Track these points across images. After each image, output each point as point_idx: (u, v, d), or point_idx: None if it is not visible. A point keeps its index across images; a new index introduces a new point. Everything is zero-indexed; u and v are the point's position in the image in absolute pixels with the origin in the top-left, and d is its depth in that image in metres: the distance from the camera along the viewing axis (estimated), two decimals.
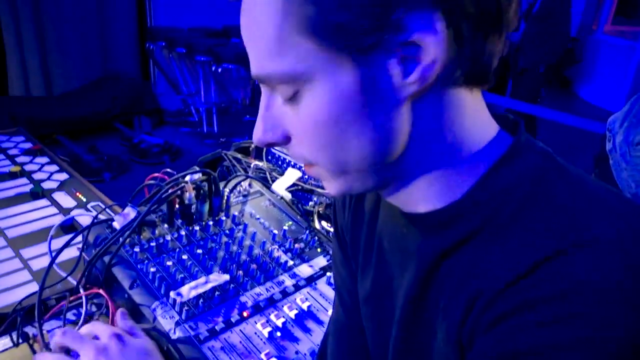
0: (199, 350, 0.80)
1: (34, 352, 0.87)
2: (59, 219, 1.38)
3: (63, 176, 1.65)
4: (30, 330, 0.91)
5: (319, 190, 1.23)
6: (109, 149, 3.69)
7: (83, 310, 0.90)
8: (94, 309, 0.98)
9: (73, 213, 1.41)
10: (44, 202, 1.51)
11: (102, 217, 1.04)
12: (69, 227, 1.31)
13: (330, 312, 0.92)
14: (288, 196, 1.16)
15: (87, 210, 1.44)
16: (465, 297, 0.45)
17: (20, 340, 0.88)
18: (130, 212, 0.98)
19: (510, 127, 0.51)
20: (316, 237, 1.10)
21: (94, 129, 4.04)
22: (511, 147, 0.47)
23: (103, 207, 1.16)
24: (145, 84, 4.85)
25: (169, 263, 0.93)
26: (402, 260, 0.56)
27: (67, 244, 0.98)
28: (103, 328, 0.77)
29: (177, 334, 0.82)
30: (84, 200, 1.49)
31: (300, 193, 1.26)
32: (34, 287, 1.07)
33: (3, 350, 0.87)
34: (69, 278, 0.99)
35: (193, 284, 0.88)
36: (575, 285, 0.38)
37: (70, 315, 0.96)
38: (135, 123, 4.34)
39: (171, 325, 0.83)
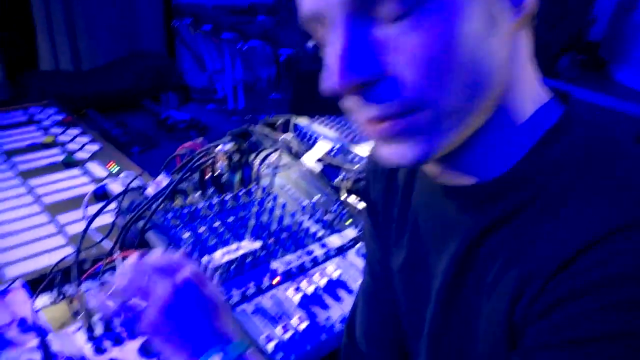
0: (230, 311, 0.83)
1: (72, 310, 0.91)
2: (91, 188, 1.42)
3: (95, 147, 1.70)
4: (67, 290, 0.95)
5: (347, 166, 1.24)
6: (136, 124, 3.76)
7: (116, 273, 0.93)
8: None
9: (105, 182, 1.45)
10: (76, 171, 1.55)
11: (135, 185, 1.07)
12: (101, 195, 1.34)
13: (360, 281, 0.94)
14: (317, 168, 1.17)
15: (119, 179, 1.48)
16: (514, 278, 0.42)
17: (60, 298, 0.92)
18: (163, 180, 1.00)
19: (559, 97, 0.48)
20: (346, 209, 1.11)
21: (121, 104, 4.11)
22: (563, 117, 0.45)
23: (135, 175, 1.19)
24: (171, 61, 4.90)
25: (202, 229, 0.95)
26: (440, 236, 0.55)
27: (102, 209, 1.02)
28: (187, 264, 0.63)
29: None
30: (116, 170, 1.53)
31: (328, 168, 1.27)
32: (69, 251, 1.11)
33: (44, 307, 0.92)
34: (104, 242, 1.03)
35: (225, 249, 0.91)
36: None
37: (103, 278, 1.00)
38: (162, 99, 4.40)
39: None
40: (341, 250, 1.01)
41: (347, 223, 1.08)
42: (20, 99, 3.37)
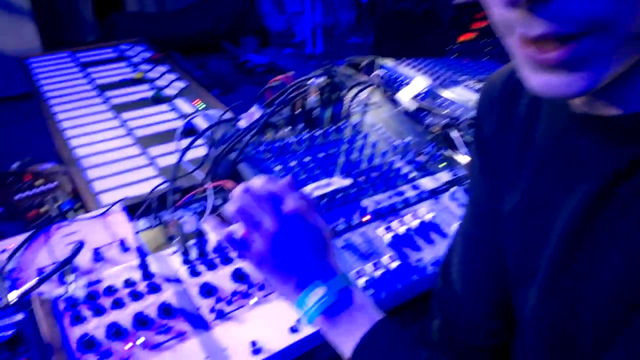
0: None
1: (167, 234, 0.95)
2: (179, 123, 1.46)
3: (182, 84, 1.73)
4: (163, 216, 1.00)
5: (436, 110, 1.18)
6: (215, 67, 3.83)
7: (209, 202, 0.96)
8: (218, 201, 1.05)
9: (193, 117, 1.48)
10: (164, 107, 1.60)
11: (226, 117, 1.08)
12: (189, 130, 1.38)
13: (454, 225, 0.90)
14: (413, 106, 1.13)
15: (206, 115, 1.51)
16: None
17: (156, 223, 0.96)
18: (256, 112, 1.00)
19: None
20: (440, 152, 1.06)
21: (201, 47, 4.18)
22: None
23: (226, 109, 1.20)
24: (251, 3, 4.89)
25: (292, 163, 0.95)
26: (569, 174, 0.49)
27: (196, 139, 1.04)
28: (294, 193, 0.61)
29: None
30: (202, 107, 1.56)
31: (416, 112, 1.22)
32: (160, 181, 1.16)
33: (141, 231, 0.97)
34: (195, 173, 1.05)
35: (315, 185, 0.90)
36: None
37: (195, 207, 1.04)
38: (241, 42, 4.43)
39: None
40: (434, 193, 0.97)
41: (440, 166, 1.04)
42: (107, 39, 3.51)
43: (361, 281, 0.78)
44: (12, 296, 0.78)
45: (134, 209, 1.00)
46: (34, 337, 0.70)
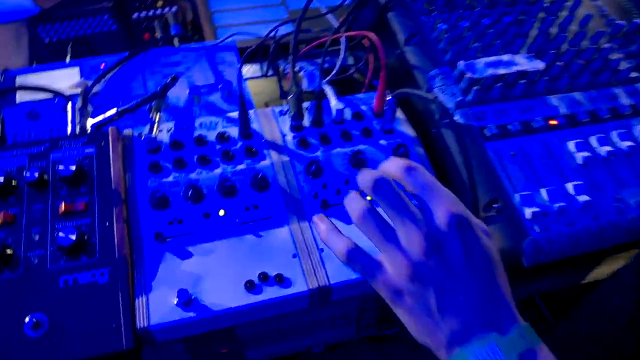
0: (481, 146, 0.60)
1: (281, 88, 0.78)
2: None
3: None
4: (280, 65, 0.82)
5: None
6: None
7: (340, 57, 0.75)
8: (350, 61, 0.84)
9: None
10: None
11: None
12: None
13: None
14: None
15: None
16: None
17: (271, 73, 0.79)
18: None
19: None
20: None
21: None
22: None
23: None
24: None
25: (463, 24, 0.70)
26: None
27: None
28: (446, 203, 0.40)
29: (456, 118, 0.62)
30: None
31: None
32: (289, 28, 0.97)
33: (251, 78, 0.81)
34: (329, 17, 0.84)
35: (491, 59, 0.65)
36: None
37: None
38: None
39: (451, 104, 0.64)
40: None
41: None
42: None
43: (528, 212, 0.56)
44: (90, 124, 0.68)
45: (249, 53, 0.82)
46: (99, 178, 0.58)
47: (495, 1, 0.74)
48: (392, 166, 0.42)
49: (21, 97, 0.73)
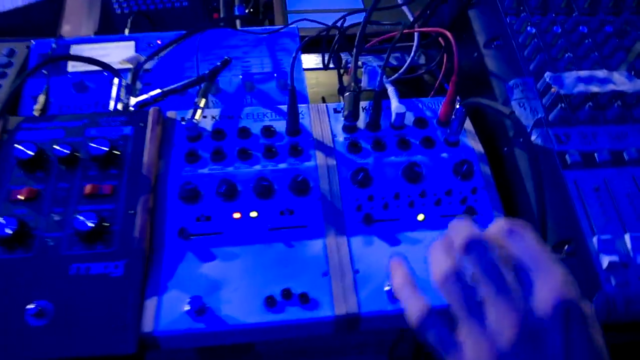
0: (559, 174, 0.52)
1: (341, 82, 0.72)
2: None
3: None
4: (343, 58, 0.76)
5: None
6: None
7: (410, 54, 0.69)
8: (422, 60, 0.77)
9: None
10: None
11: None
12: None
13: None
14: None
15: None
16: None
17: (331, 66, 0.73)
18: None
19: None
20: None
21: None
22: None
23: None
24: None
25: (556, 29, 0.61)
26: None
27: None
28: (556, 282, 0.31)
29: (534, 138, 0.54)
30: None
31: None
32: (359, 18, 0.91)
33: (311, 69, 0.75)
34: (405, 9, 0.77)
35: (586, 73, 0.56)
36: None
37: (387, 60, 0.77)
38: None
39: (529, 122, 0.55)
40: None
41: None
42: None
43: (604, 260, 0.47)
44: (133, 102, 0.65)
45: (313, 42, 0.77)
46: (132, 162, 0.55)
47: (597, 7, 0.64)
48: (495, 227, 0.34)
49: (73, 67, 0.71)
